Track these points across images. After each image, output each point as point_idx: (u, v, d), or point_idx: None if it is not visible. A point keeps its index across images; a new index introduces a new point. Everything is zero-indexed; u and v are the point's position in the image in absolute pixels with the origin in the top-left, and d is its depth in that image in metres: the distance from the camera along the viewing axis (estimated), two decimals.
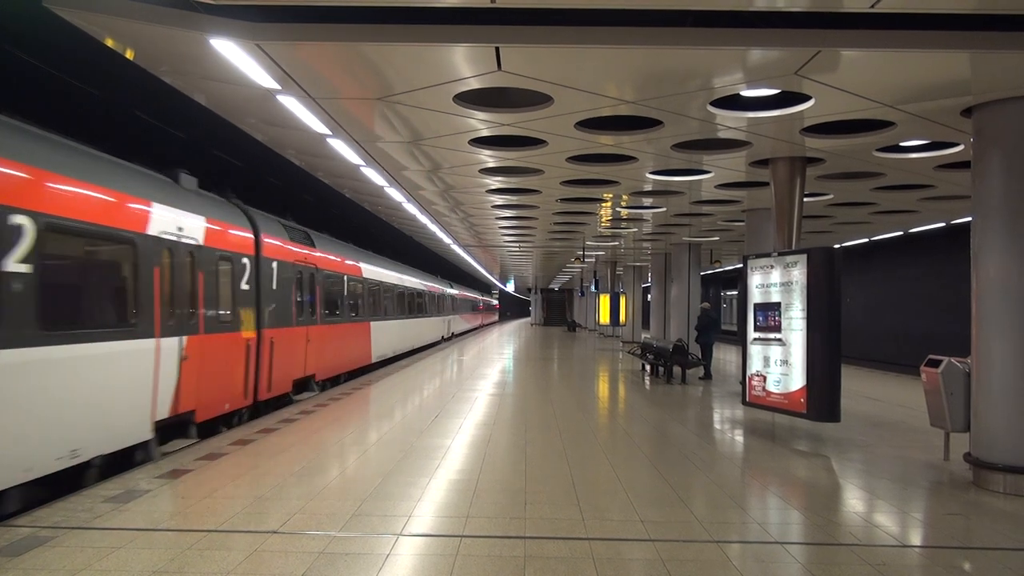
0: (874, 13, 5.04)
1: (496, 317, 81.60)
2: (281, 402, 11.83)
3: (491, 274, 50.41)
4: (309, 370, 13.12)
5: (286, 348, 11.82)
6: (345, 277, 16.06)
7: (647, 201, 14.22)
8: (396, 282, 22.39)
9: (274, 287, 11.29)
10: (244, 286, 10.12)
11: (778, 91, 7.05)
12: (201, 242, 8.75)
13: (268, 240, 11.16)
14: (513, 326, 61.23)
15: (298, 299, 12.48)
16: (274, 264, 11.30)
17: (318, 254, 14.06)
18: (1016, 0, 4.93)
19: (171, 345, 7.94)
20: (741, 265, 9.78)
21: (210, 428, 9.21)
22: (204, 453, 7.31)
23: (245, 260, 10.17)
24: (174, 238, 8.10)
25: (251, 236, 10.54)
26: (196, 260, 8.61)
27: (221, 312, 9.36)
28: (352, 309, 16.58)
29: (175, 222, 8.14)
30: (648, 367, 16.91)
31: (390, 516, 5.28)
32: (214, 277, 9.14)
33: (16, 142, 5.88)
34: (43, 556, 4.34)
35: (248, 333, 10.26)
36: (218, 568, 4.20)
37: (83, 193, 6.57)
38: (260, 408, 10.84)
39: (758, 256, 9.43)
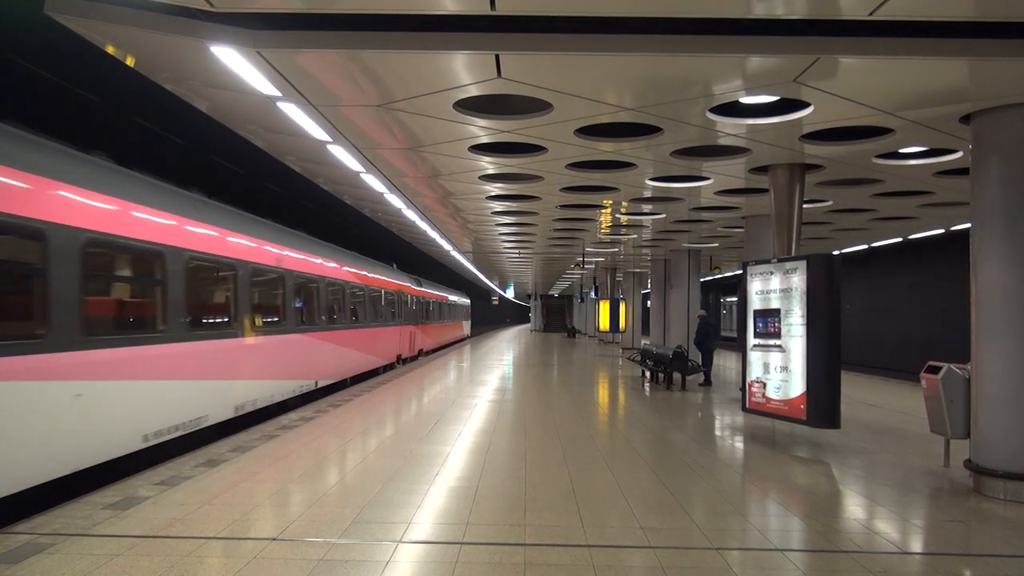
0: (873, 21, 5.07)
1: (465, 331, 45.27)
2: None
3: (489, 280, 50.42)
4: None
5: None
6: None
7: (646, 207, 14.25)
8: None
9: None
10: None
11: (777, 98, 7.08)
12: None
13: None
14: (512, 333, 61.19)
15: None
16: None
17: None
18: (1014, 8, 4.95)
19: None
20: (741, 271, 9.78)
21: None
22: (203, 460, 7.30)
23: None
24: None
25: None
26: None
27: None
28: None
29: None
30: (648, 373, 16.90)
31: (390, 523, 5.27)
32: None
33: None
34: (42, 563, 4.33)
35: None
36: (218, 575, 4.19)
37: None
38: None
39: (758, 262, 9.42)
